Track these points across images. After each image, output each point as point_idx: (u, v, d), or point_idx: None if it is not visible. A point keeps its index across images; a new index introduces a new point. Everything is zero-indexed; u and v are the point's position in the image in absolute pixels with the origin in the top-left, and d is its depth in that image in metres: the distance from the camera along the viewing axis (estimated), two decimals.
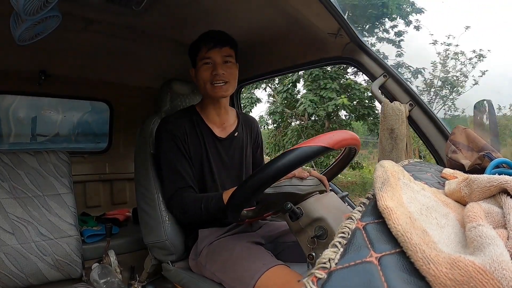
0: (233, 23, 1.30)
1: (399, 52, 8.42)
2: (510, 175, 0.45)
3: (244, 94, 7.86)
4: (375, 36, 8.48)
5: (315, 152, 0.68)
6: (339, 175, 0.99)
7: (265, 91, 8.45)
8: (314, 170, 1.00)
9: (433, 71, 7.93)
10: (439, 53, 7.94)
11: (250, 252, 0.97)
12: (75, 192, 1.44)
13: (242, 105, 1.95)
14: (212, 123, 1.21)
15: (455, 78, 7.80)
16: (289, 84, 7.51)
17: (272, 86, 8.24)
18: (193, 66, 1.19)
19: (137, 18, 1.26)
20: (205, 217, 1.04)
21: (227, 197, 0.97)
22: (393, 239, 0.34)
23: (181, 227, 1.20)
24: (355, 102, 6.97)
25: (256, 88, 8.11)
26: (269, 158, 6.06)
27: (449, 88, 7.91)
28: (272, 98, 8.42)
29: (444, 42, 7.87)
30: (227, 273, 0.96)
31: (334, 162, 0.98)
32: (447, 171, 0.60)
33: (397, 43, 8.43)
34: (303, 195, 0.82)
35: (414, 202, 0.41)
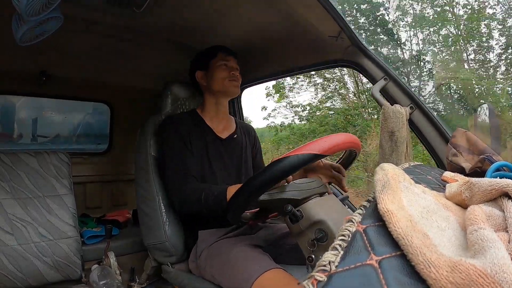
0: (234, 26, 1.31)
1: None
2: (511, 179, 0.45)
3: None
4: None
5: (307, 160, 0.70)
6: None
7: None
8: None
9: None
10: None
11: (247, 254, 0.96)
12: (75, 193, 1.44)
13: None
14: (213, 124, 1.26)
15: None
16: None
17: None
18: (201, 69, 1.26)
19: (138, 20, 1.26)
20: (203, 210, 1.01)
21: (230, 194, 0.97)
22: (393, 242, 0.34)
23: (181, 229, 1.19)
24: None
25: None
26: None
27: None
28: None
29: None
30: (225, 276, 0.95)
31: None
32: (448, 174, 0.60)
33: None
34: (299, 199, 0.82)
35: (415, 205, 0.41)
